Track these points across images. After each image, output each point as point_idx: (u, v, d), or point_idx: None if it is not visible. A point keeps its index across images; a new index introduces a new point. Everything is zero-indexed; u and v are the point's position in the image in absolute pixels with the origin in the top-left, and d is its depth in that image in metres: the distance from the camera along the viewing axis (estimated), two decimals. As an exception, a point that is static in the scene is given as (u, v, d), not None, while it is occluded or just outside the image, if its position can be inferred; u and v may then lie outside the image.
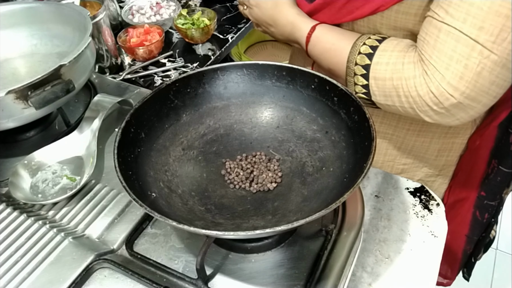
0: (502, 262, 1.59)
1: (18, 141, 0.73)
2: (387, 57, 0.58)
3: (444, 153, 0.75)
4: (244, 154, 0.60)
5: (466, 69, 0.51)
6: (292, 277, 0.50)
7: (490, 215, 0.82)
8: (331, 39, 0.65)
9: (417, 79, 0.55)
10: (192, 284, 0.50)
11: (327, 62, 0.66)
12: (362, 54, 0.60)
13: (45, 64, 0.79)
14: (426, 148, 0.73)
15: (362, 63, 0.60)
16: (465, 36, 0.50)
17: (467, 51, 0.50)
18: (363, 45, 0.60)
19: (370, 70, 0.59)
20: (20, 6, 0.79)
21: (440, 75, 0.53)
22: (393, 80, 0.57)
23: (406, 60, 0.56)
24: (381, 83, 0.58)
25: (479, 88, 0.52)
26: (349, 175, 0.49)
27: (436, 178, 0.79)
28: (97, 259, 0.52)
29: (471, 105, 0.53)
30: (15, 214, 0.58)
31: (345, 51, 0.62)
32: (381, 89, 0.59)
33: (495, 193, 0.79)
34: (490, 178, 0.77)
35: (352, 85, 0.62)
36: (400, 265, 0.58)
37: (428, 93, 0.54)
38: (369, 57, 0.59)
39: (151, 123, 0.57)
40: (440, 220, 0.63)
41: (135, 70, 1.09)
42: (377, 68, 0.58)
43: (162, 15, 1.24)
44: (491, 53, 0.50)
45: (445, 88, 0.53)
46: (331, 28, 0.66)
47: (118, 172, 0.47)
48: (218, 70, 0.61)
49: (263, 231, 0.40)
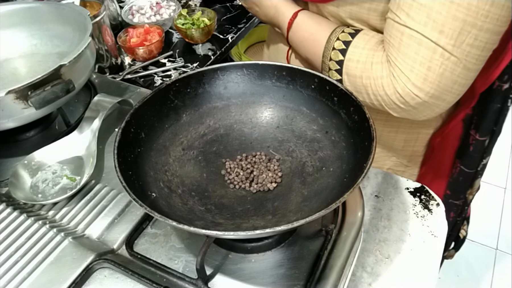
0: (502, 262, 1.59)
1: (18, 141, 0.73)
2: (358, 55, 0.60)
3: (411, 143, 0.76)
4: (244, 154, 0.60)
5: (429, 71, 0.54)
6: (292, 277, 0.50)
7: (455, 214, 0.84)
8: (310, 28, 0.66)
9: (384, 79, 0.57)
10: (192, 284, 0.50)
11: (305, 51, 0.68)
12: (336, 49, 0.61)
13: (45, 64, 0.79)
14: (393, 138, 0.75)
15: (336, 59, 0.61)
16: (426, 40, 0.52)
17: (429, 54, 0.53)
18: (337, 40, 0.62)
19: (343, 66, 0.61)
20: (20, 6, 0.79)
21: (405, 77, 0.55)
22: (362, 79, 0.59)
23: (375, 60, 0.58)
24: (352, 79, 0.61)
25: (443, 87, 0.55)
26: (349, 175, 0.49)
27: (405, 169, 0.80)
28: (97, 259, 0.52)
29: (436, 103, 0.57)
30: (15, 214, 0.58)
31: (321, 44, 0.64)
32: (353, 85, 0.61)
33: (459, 193, 0.82)
34: (454, 178, 0.80)
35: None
36: (400, 265, 0.58)
37: (395, 93, 0.57)
38: (342, 53, 0.61)
39: (151, 123, 0.57)
40: (440, 220, 0.63)
41: (135, 70, 1.09)
42: (349, 65, 0.60)
43: (162, 15, 1.24)
44: (451, 55, 0.52)
45: (410, 89, 0.55)
46: (311, 16, 0.67)
47: (118, 172, 0.47)
48: (218, 70, 0.61)
49: (263, 231, 0.40)
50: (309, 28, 0.66)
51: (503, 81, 0.67)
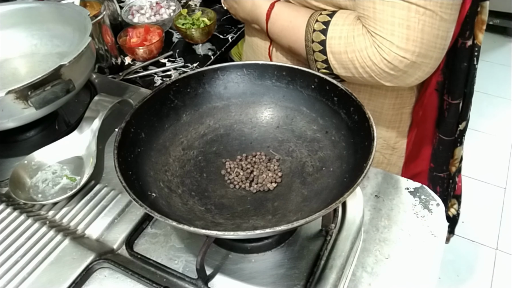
0: (502, 262, 1.59)
1: (18, 141, 0.73)
2: (339, 31, 0.61)
3: (395, 124, 0.77)
4: (244, 154, 0.60)
5: (409, 29, 0.55)
6: (292, 277, 0.50)
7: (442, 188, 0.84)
8: (288, 16, 0.67)
9: (368, 49, 0.58)
10: (192, 284, 0.50)
11: (286, 40, 0.69)
12: (317, 31, 0.62)
13: (45, 64, 0.79)
14: (378, 118, 0.76)
15: (318, 39, 0.62)
16: (398, 1, 0.54)
17: (405, 13, 0.54)
18: (316, 23, 0.62)
19: (326, 45, 0.61)
20: (20, 6, 0.79)
21: (388, 42, 0.56)
22: (347, 53, 0.60)
23: (356, 33, 0.59)
24: (337, 56, 0.61)
25: (426, 44, 0.56)
26: (349, 175, 0.49)
27: (393, 151, 0.81)
28: (97, 259, 0.52)
29: (424, 62, 0.58)
30: (15, 214, 0.58)
31: (301, 29, 0.65)
32: (339, 62, 0.62)
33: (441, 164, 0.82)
34: (435, 149, 0.81)
35: (313, 62, 0.65)
36: (400, 265, 0.58)
37: (382, 60, 0.58)
38: (323, 32, 0.61)
39: (151, 123, 0.57)
40: (440, 220, 0.63)
41: (135, 70, 1.09)
42: (332, 43, 0.61)
43: (162, 15, 1.24)
44: (426, 10, 0.54)
45: (396, 52, 0.56)
46: (288, 5, 0.68)
47: (118, 172, 0.47)
48: (218, 70, 0.61)
49: (263, 231, 0.40)
50: (287, 16, 0.67)
51: (465, 37, 0.68)
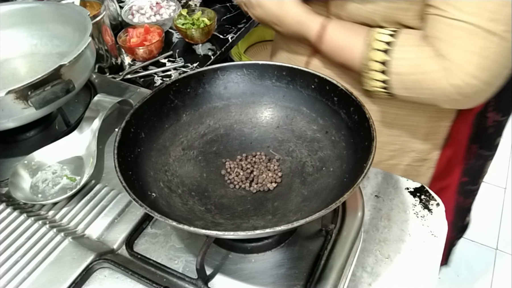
0: (502, 262, 1.59)
1: (18, 141, 0.73)
2: (407, 53, 0.60)
3: (431, 136, 0.76)
4: (244, 154, 0.60)
5: (486, 59, 0.55)
6: (292, 277, 0.50)
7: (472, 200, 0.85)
8: (343, 36, 0.65)
9: (437, 73, 0.57)
10: (192, 284, 0.50)
11: (340, 58, 0.67)
12: (378, 50, 0.61)
13: (45, 64, 0.79)
14: (414, 133, 0.75)
15: (380, 59, 0.61)
16: (479, 29, 0.53)
17: (484, 42, 0.54)
18: (375, 41, 0.61)
19: (392, 66, 0.60)
20: (20, 6, 0.79)
21: (462, 68, 0.56)
22: (415, 75, 0.59)
23: (424, 55, 0.58)
24: (403, 77, 0.60)
25: (495, 73, 0.56)
26: (349, 175, 0.49)
27: (423, 163, 0.80)
28: (97, 259, 0.52)
29: (490, 89, 0.58)
30: (15, 214, 0.58)
31: (357, 49, 0.63)
32: (402, 83, 0.61)
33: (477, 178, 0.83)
34: (472, 164, 0.80)
35: (369, 81, 0.63)
36: (400, 265, 0.58)
37: (452, 85, 0.57)
38: (387, 53, 0.60)
39: (151, 123, 0.57)
40: (440, 220, 0.63)
41: (135, 70, 1.09)
42: (398, 64, 0.60)
43: (162, 15, 1.24)
44: (505, 41, 0.54)
45: (467, 80, 0.56)
46: (342, 24, 0.66)
47: (118, 172, 0.47)
48: (218, 70, 0.61)
49: (263, 231, 0.40)
50: (343, 36, 0.65)
51: None
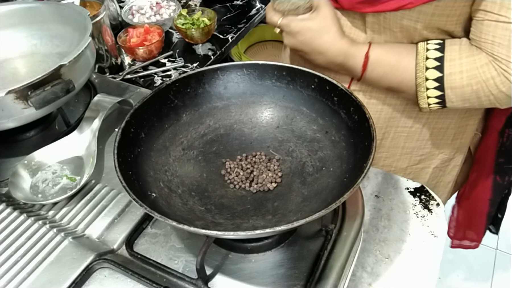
0: (502, 262, 1.59)
1: (18, 141, 0.73)
2: (459, 66, 0.59)
3: (459, 136, 0.77)
4: (244, 154, 0.60)
5: None
6: (292, 277, 0.50)
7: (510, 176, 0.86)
8: (389, 60, 0.64)
9: (496, 79, 0.58)
10: (192, 284, 0.50)
11: (388, 83, 0.66)
12: (431, 68, 0.61)
13: (45, 64, 0.79)
14: (443, 134, 0.75)
15: (433, 77, 0.61)
16: None
17: None
18: (427, 60, 0.61)
19: (445, 82, 0.60)
20: (20, 6, 0.79)
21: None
22: (472, 86, 0.59)
23: (479, 64, 0.58)
24: (459, 91, 0.60)
25: None
26: (349, 175, 0.49)
27: (450, 162, 0.81)
28: (97, 259, 0.52)
29: None
30: (15, 214, 0.58)
31: (409, 70, 0.63)
32: (459, 96, 0.61)
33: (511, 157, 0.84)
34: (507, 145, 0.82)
35: (425, 99, 0.63)
36: (400, 265, 0.58)
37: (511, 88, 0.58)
38: (438, 69, 0.60)
39: (151, 123, 0.57)
40: (440, 220, 0.63)
41: (135, 70, 1.09)
42: (452, 79, 0.60)
43: (162, 15, 1.24)
44: None
45: None
46: (384, 47, 0.65)
47: (118, 172, 0.47)
48: (218, 70, 0.61)
49: (263, 231, 0.40)
50: (388, 61, 0.64)
51: None
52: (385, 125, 0.73)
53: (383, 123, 0.73)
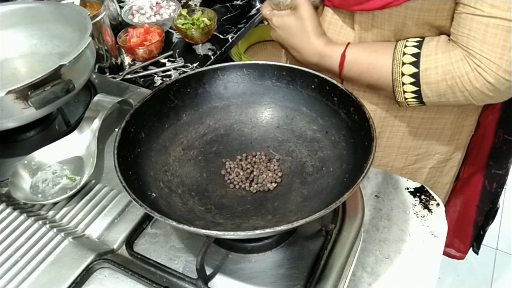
0: (502, 262, 1.59)
1: (18, 141, 0.73)
2: (434, 61, 0.60)
3: (455, 137, 0.77)
4: (244, 154, 0.60)
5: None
6: (292, 277, 0.50)
7: (498, 184, 0.86)
8: (365, 59, 0.65)
9: (470, 74, 0.58)
10: (192, 284, 0.50)
11: (366, 80, 0.67)
12: (407, 64, 0.61)
13: (45, 64, 0.79)
14: (439, 135, 0.75)
15: (409, 72, 0.61)
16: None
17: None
18: (404, 55, 0.61)
19: (420, 77, 0.61)
20: (20, 6, 0.79)
21: (495, 65, 0.56)
22: (446, 81, 0.59)
23: (454, 59, 0.58)
24: (433, 86, 0.61)
25: None
26: (349, 175, 0.49)
27: (447, 163, 0.81)
28: (97, 259, 0.52)
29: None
30: (15, 214, 0.58)
31: (385, 67, 0.63)
32: (434, 91, 0.61)
33: (502, 162, 0.84)
34: (497, 148, 0.82)
35: (401, 94, 0.63)
36: (400, 265, 0.58)
37: (485, 84, 0.57)
38: (414, 65, 0.60)
39: (151, 123, 0.57)
40: (440, 220, 0.63)
41: (135, 70, 1.09)
42: (427, 74, 0.60)
43: (162, 15, 1.24)
44: None
45: (501, 75, 0.56)
46: (361, 46, 0.65)
47: (118, 172, 0.47)
48: (218, 70, 0.61)
49: (263, 231, 0.40)
50: (365, 59, 0.65)
51: None
52: (380, 124, 0.74)
53: (378, 122, 0.73)
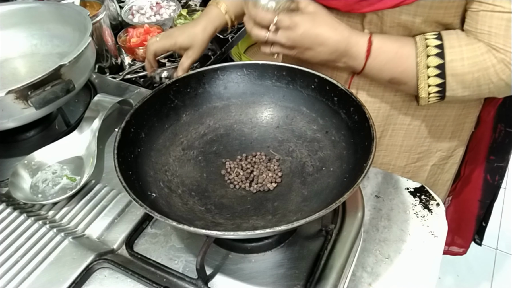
0: (502, 262, 1.59)
1: (18, 141, 0.73)
2: (459, 53, 0.59)
3: (457, 133, 0.77)
4: (244, 154, 0.60)
5: None
6: (292, 277, 0.50)
7: (499, 176, 0.87)
8: (391, 47, 0.63)
9: (497, 66, 0.58)
10: (192, 284, 0.50)
11: (390, 72, 0.65)
12: (432, 56, 0.60)
13: (45, 64, 0.79)
14: (441, 132, 0.75)
15: (435, 64, 0.61)
16: None
17: None
18: (427, 47, 0.61)
19: (446, 68, 0.60)
20: (20, 6, 0.79)
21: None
22: (473, 73, 0.59)
23: (479, 52, 0.59)
24: (460, 78, 0.60)
25: None
26: (349, 175, 0.49)
27: (448, 160, 0.81)
28: (97, 259, 0.52)
29: None
30: (15, 214, 0.58)
31: (411, 58, 0.62)
32: (460, 83, 0.61)
33: (504, 155, 0.85)
34: (498, 142, 0.83)
35: (425, 88, 0.63)
36: (400, 265, 0.58)
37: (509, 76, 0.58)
38: (440, 56, 0.60)
39: (151, 123, 0.57)
40: (440, 220, 0.63)
41: (135, 70, 1.09)
42: (453, 66, 0.60)
43: (162, 15, 1.24)
44: None
45: None
46: (385, 36, 0.64)
47: (118, 172, 0.47)
48: (218, 70, 0.61)
49: (263, 231, 0.40)
50: (391, 47, 0.63)
51: None
52: (383, 123, 0.74)
53: (381, 121, 0.73)
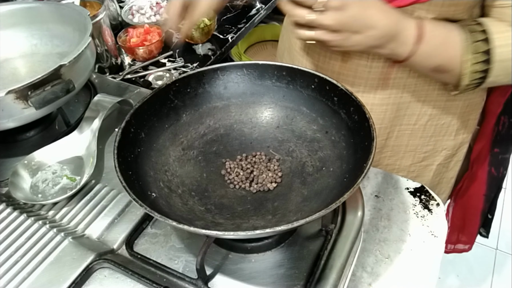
0: (502, 262, 1.59)
1: (18, 141, 0.73)
2: (505, 39, 0.58)
3: (461, 131, 0.77)
4: (244, 154, 0.60)
5: None
6: (292, 277, 0.50)
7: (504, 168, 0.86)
8: (441, 32, 0.61)
9: None
10: (192, 284, 0.50)
11: (439, 58, 0.62)
12: (479, 41, 0.59)
13: (45, 64, 0.79)
14: (446, 130, 0.75)
15: (481, 50, 0.59)
16: None
17: None
18: (472, 33, 0.60)
19: (495, 54, 0.59)
20: (20, 6, 0.79)
21: None
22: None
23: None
24: (506, 64, 0.59)
25: None
26: (349, 175, 0.49)
27: (452, 158, 0.82)
28: (97, 259, 0.52)
29: None
30: (15, 214, 0.58)
31: (458, 44, 0.60)
32: (505, 70, 0.60)
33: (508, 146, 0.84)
34: (503, 134, 0.82)
35: (466, 76, 0.61)
36: (400, 265, 0.58)
37: None
38: (486, 42, 0.59)
39: (151, 123, 0.57)
40: (440, 220, 0.63)
41: (135, 70, 1.09)
42: (502, 51, 0.59)
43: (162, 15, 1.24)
44: None
45: None
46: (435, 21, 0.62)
47: (118, 172, 0.47)
48: (218, 70, 0.61)
49: (263, 231, 0.40)
50: (441, 32, 0.61)
51: None
52: (389, 125, 0.73)
53: (387, 122, 0.73)
